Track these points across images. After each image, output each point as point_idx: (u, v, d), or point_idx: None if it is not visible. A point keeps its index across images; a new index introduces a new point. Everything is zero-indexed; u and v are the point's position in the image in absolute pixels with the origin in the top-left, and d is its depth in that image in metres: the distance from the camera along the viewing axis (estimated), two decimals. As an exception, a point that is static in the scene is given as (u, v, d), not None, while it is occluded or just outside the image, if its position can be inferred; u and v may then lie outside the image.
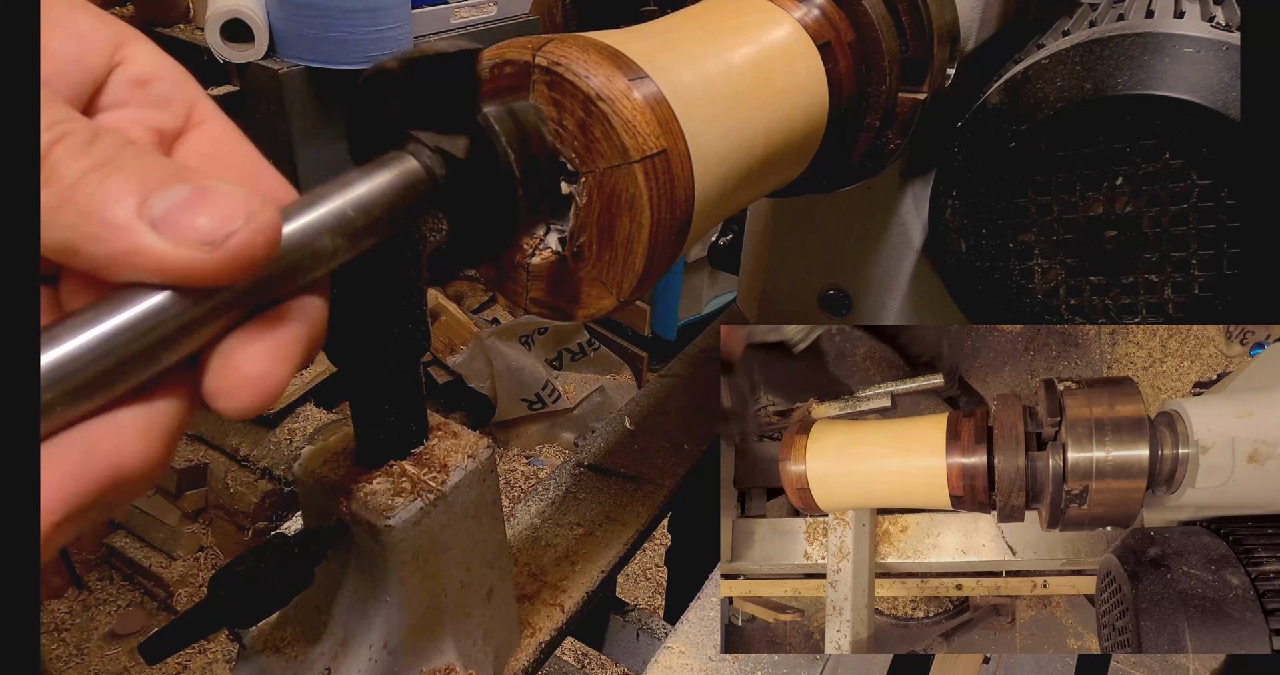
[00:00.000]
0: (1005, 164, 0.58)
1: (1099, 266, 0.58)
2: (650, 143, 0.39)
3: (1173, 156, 0.53)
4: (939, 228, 0.64)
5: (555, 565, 0.75)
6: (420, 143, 0.36)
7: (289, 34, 1.76)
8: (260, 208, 0.27)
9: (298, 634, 0.57)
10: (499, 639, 0.62)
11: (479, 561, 0.56)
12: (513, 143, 0.38)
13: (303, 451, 0.53)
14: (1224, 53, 0.52)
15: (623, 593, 2.46)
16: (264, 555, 0.46)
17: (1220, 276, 0.55)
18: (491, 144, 0.38)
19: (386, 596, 0.51)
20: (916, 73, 0.60)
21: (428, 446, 0.51)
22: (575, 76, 0.39)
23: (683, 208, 0.42)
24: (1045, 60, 0.58)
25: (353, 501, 0.49)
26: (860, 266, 0.81)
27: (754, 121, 0.48)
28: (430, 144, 0.36)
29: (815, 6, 0.55)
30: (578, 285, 0.44)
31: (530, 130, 0.39)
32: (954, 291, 0.65)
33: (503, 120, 0.38)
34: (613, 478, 0.86)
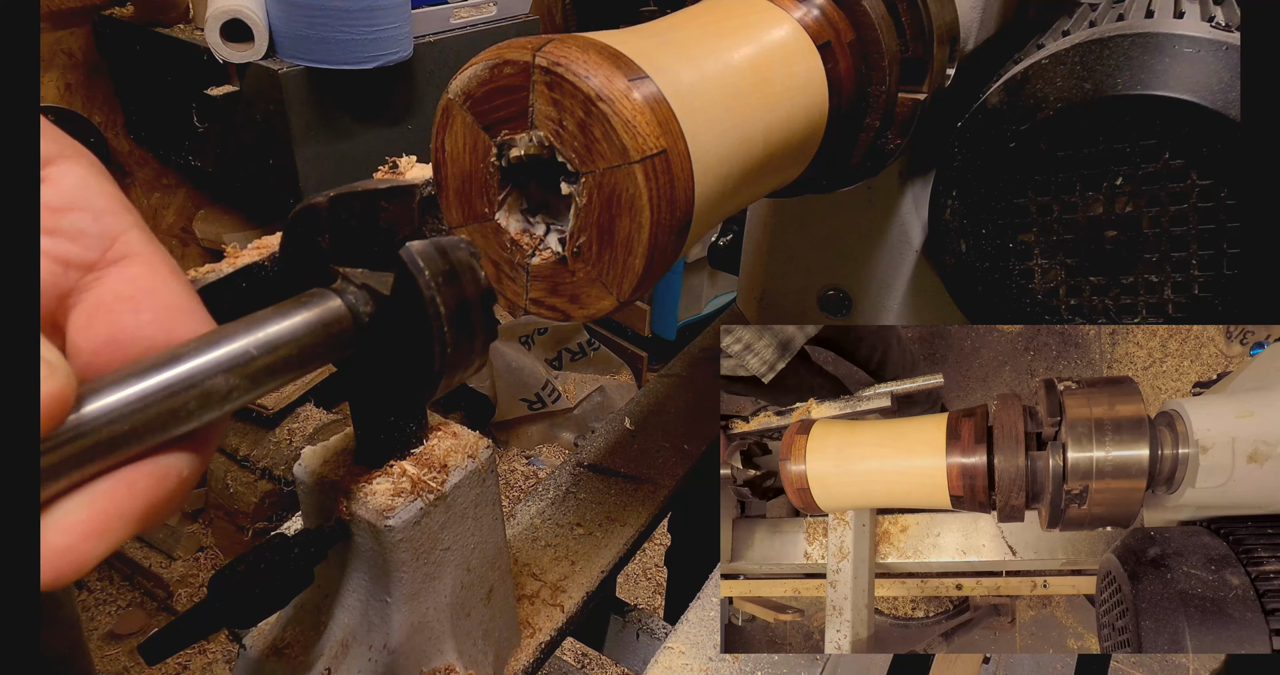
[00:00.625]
0: (1005, 164, 0.58)
1: (1099, 266, 0.58)
2: (650, 143, 0.39)
3: (1172, 156, 0.53)
4: (939, 228, 0.63)
5: (555, 565, 0.75)
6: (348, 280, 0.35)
7: (289, 34, 1.76)
8: (48, 375, 0.25)
9: (298, 634, 0.57)
10: (499, 639, 0.62)
11: (479, 561, 0.56)
12: (437, 279, 0.36)
13: (303, 452, 0.53)
14: (1224, 53, 0.52)
15: (623, 593, 2.46)
16: (264, 555, 0.46)
17: (1220, 276, 0.55)
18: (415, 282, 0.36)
19: (386, 597, 0.51)
20: (916, 73, 0.60)
21: (427, 447, 0.51)
22: (575, 77, 0.39)
23: (683, 208, 0.42)
24: (1045, 60, 0.58)
25: (353, 502, 0.49)
26: (860, 266, 0.81)
27: (754, 121, 0.48)
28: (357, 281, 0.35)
29: (815, 6, 0.55)
30: (577, 285, 0.44)
31: (460, 265, 0.37)
32: (954, 291, 0.65)
33: (429, 256, 0.36)
34: (613, 478, 0.86)
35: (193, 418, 0.29)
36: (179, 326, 0.31)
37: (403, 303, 0.36)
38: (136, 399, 0.28)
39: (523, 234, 0.45)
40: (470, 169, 0.44)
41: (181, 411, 0.29)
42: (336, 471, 0.50)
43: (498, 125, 0.42)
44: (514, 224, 0.45)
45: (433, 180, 0.45)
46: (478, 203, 0.45)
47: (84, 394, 0.27)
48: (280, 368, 0.32)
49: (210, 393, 0.30)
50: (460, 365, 0.38)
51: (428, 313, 0.36)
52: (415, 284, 0.36)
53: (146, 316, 0.31)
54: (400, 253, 0.36)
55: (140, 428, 0.28)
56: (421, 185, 0.39)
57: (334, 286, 0.36)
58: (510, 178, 0.44)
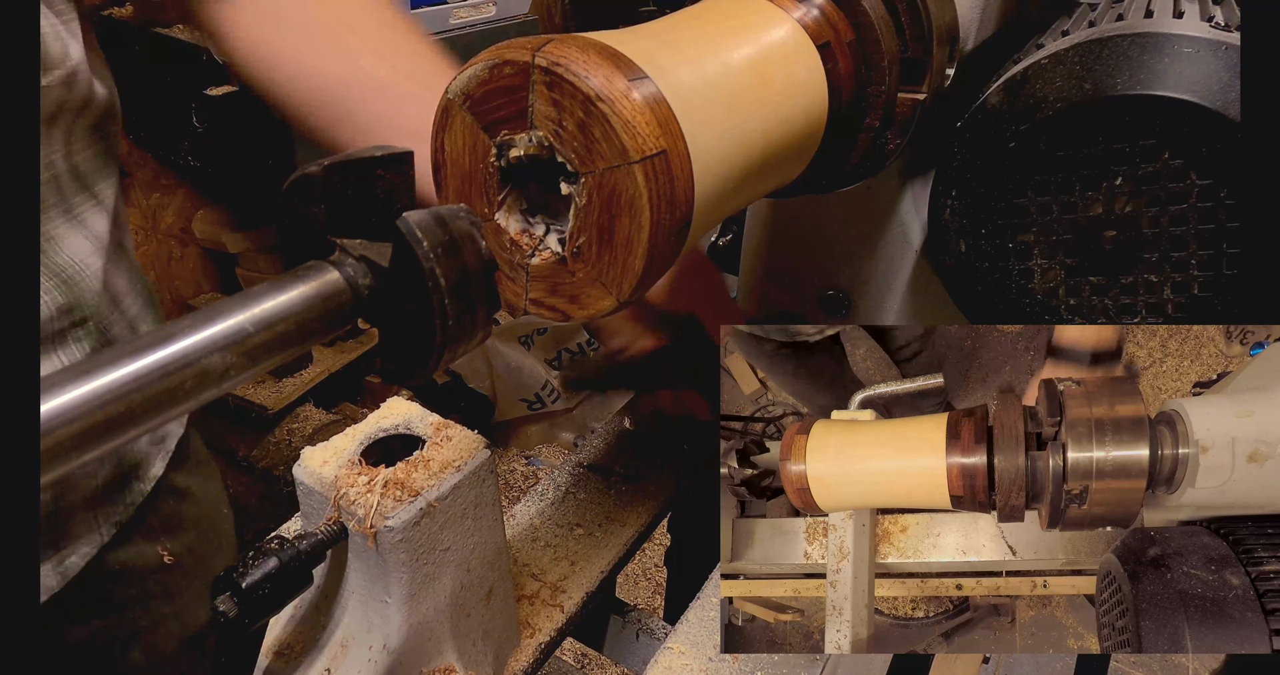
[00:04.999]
0: (1005, 164, 0.58)
1: (1099, 266, 0.58)
2: (650, 143, 0.39)
3: (1172, 156, 0.53)
4: (938, 228, 0.63)
5: (555, 565, 0.75)
6: (346, 251, 0.34)
7: (288, 34, 1.76)
8: None
9: (298, 635, 0.57)
10: (499, 639, 0.62)
11: (478, 562, 0.56)
12: (436, 249, 0.35)
13: (303, 452, 0.53)
14: (1223, 53, 0.52)
15: (623, 593, 2.46)
16: (263, 557, 0.46)
17: (1220, 276, 0.55)
18: (413, 253, 0.35)
19: (385, 597, 0.51)
20: (916, 73, 0.60)
21: (426, 449, 0.51)
22: (574, 77, 0.39)
23: (682, 208, 0.42)
24: (1045, 60, 0.58)
25: (351, 503, 0.49)
26: (860, 267, 0.81)
27: (753, 122, 0.48)
28: (355, 252, 0.34)
29: (814, 6, 0.55)
30: (577, 286, 0.44)
31: (460, 236, 0.36)
32: (953, 292, 0.65)
33: (427, 227, 0.35)
34: (613, 478, 0.86)
35: (190, 398, 0.29)
36: None
37: (401, 274, 0.35)
38: (132, 379, 0.28)
39: (522, 234, 0.45)
40: (469, 169, 0.44)
41: (178, 392, 0.29)
42: (336, 472, 0.50)
43: (497, 125, 0.42)
44: (513, 224, 0.45)
45: (433, 181, 0.45)
46: (477, 203, 0.45)
47: (78, 376, 0.27)
48: (278, 344, 0.32)
49: (207, 372, 0.29)
50: (462, 338, 0.37)
51: (427, 285, 0.35)
52: (414, 255, 0.35)
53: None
54: (397, 223, 0.35)
55: (137, 409, 0.28)
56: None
57: (331, 259, 0.35)
58: (510, 178, 0.44)
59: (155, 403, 0.28)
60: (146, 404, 0.28)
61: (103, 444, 0.27)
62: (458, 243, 0.36)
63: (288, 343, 0.32)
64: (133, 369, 0.28)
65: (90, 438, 0.27)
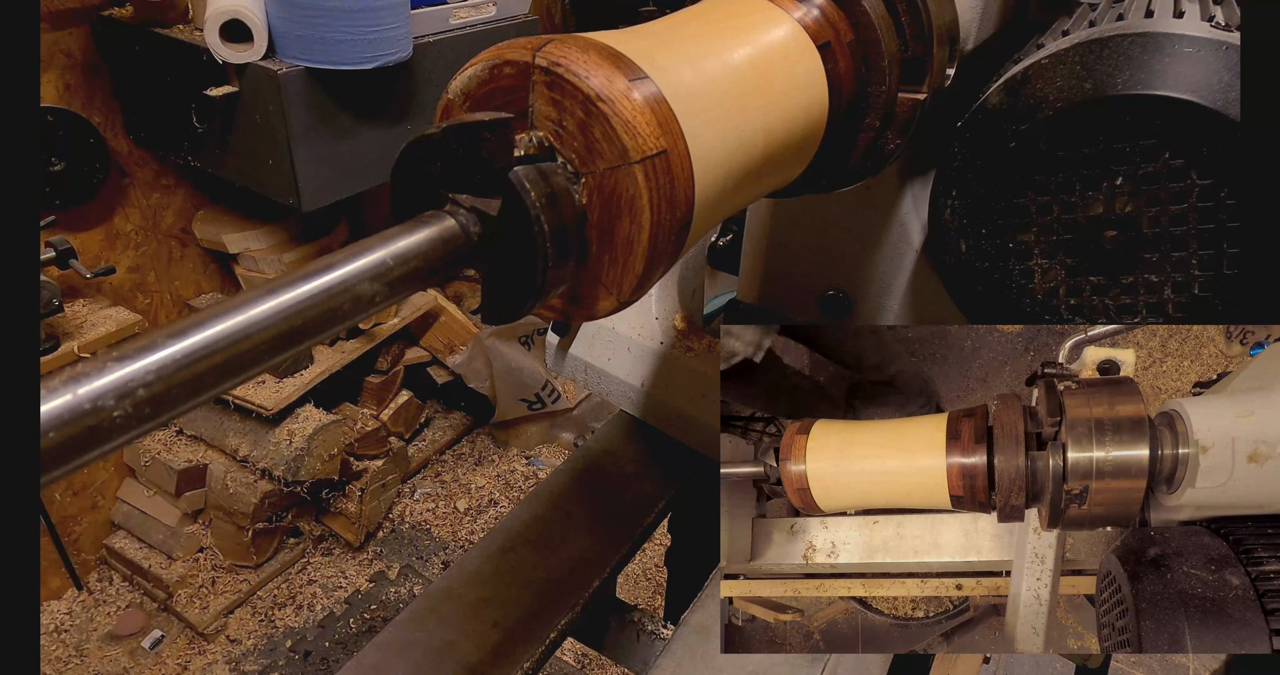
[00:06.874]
0: (1005, 164, 0.58)
1: (1099, 266, 0.58)
2: (650, 143, 0.39)
3: (1172, 156, 0.53)
4: (939, 228, 0.63)
5: (555, 565, 0.75)
6: (457, 203, 0.39)
7: (288, 34, 1.76)
8: None
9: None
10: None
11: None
12: (541, 200, 0.40)
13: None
14: (1224, 53, 0.52)
15: (623, 593, 2.46)
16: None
17: (1220, 276, 0.55)
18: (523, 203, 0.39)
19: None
20: (916, 73, 0.60)
21: None
22: (575, 77, 0.39)
23: (683, 208, 0.42)
24: (1045, 60, 0.58)
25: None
26: (860, 266, 0.81)
27: (754, 121, 0.48)
28: (466, 204, 0.39)
29: (815, 7, 0.55)
30: (578, 287, 0.44)
31: (559, 190, 0.41)
32: (954, 291, 0.65)
33: (534, 180, 0.40)
34: (613, 478, 0.85)
35: (346, 318, 0.34)
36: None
37: (509, 222, 0.39)
38: (306, 298, 0.32)
39: (523, 234, 0.45)
40: (470, 169, 0.44)
41: (339, 311, 0.33)
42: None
43: (498, 125, 0.42)
44: (514, 224, 0.45)
45: None
46: (478, 203, 0.45)
47: (259, 296, 0.31)
48: (411, 278, 0.36)
49: (360, 296, 0.34)
50: (556, 282, 0.42)
51: (533, 230, 0.39)
52: (523, 204, 0.39)
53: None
54: (510, 176, 0.39)
55: (311, 324, 0.32)
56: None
57: (446, 209, 0.39)
58: (510, 178, 0.44)
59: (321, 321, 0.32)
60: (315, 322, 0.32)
61: (281, 353, 0.31)
62: (558, 195, 0.41)
63: (418, 277, 0.36)
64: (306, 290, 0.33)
65: (274, 346, 0.31)
